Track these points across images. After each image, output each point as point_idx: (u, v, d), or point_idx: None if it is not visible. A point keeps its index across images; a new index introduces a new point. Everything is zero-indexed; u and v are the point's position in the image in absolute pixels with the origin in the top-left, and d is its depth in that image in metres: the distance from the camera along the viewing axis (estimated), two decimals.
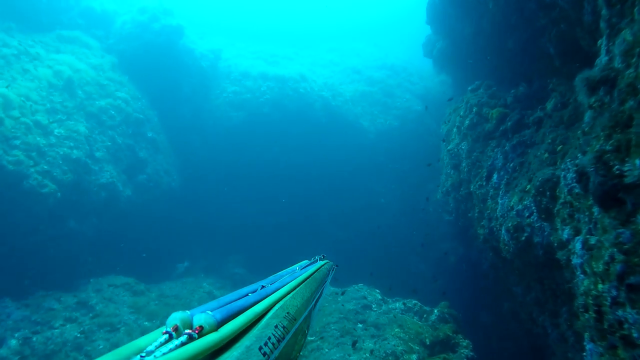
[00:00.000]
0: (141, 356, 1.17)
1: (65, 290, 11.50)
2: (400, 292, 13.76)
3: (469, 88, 11.72)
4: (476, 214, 9.96)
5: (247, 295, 1.95)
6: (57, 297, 10.84)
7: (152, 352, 1.20)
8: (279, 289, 2.20)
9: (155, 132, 15.44)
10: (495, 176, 8.62)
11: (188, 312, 1.43)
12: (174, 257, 16.48)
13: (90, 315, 10.57)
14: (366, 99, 22.48)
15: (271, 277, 2.60)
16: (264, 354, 1.52)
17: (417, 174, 21.28)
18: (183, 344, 1.26)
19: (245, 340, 1.53)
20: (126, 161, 13.60)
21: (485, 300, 14.15)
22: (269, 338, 1.65)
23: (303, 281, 2.63)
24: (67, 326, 9.94)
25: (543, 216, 6.14)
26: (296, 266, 3.25)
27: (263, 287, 2.17)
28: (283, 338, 1.76)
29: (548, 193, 5.95)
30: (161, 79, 16.62)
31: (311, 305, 2.56)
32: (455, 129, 11.97)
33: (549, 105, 7.49)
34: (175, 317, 1.39)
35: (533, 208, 6.41)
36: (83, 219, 12.15)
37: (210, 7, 36.58)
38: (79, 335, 9.75)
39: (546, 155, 6.67)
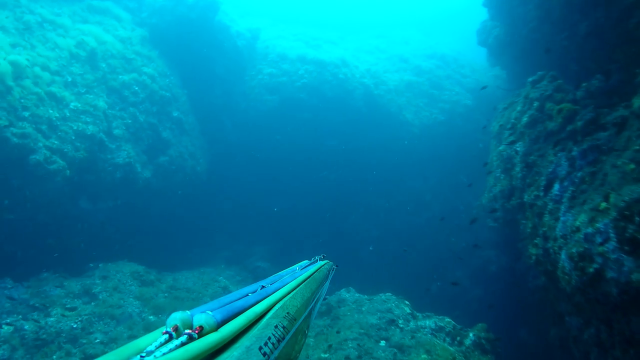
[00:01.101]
0: (141, 356, 1.16)
1: (71, 273, 10.84)
2: (435, 303, 12.47)
3: (530, 80, 10.08)
4: (528, 229, 8.44)
5: (247, 295, 1.96)
6: (60, 282, 10.16)
7: (152, 352, 1.20)
8: (279, 289, 2.22)
9: (182, 112, 14.58)
10: (556, 187, 7.08)
11: (188, 312, 1.43)
12: (194, 244, 15.71)
13: (93, 304, 9.82)
14: (411, 89, 20.92)
15: (271, 277, 2.61)
16: (264, 354, 1.52)
17: (462, 173, 19.63)
18: (183, 344, 1.27)
19: (245, 341, 1.53)
20: (147, 141, 12.80)
21: (528, 317, 12.70)
22: (269, 338, 1.64)
23: (303, 281, 2.64)
24: (65, 314, 9.21)
25: (626, 248, 4.65)
26: (296, 266, 3.26)
27: (263, 287, 2.19)
28: (283, 338, 1.77)
29: (637, 219, 4.48)
30: (193, 56, 15.74)
31: (311, 305, 2.56)
32: (509, 127, 10.38)
33: (637, 103, 5.88)
34: (175, 317, 1.39)
35: (610, 234, 4.91)
36: (96, 199, 11.45)
37: None
38: (75, 325, 8.99)
39: (632, 166, 5.13)
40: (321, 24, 26.57)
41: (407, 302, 11.04)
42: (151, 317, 10.16)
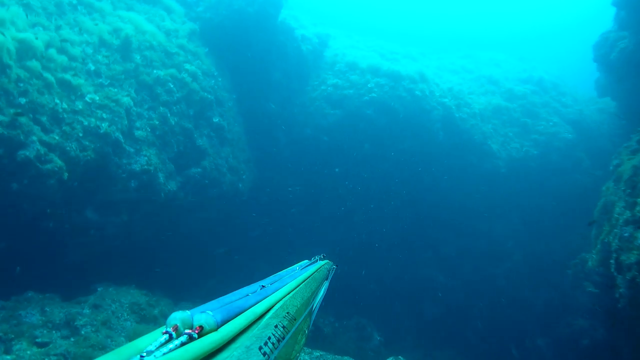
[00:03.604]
0: (141, 356, 1.15)
1: (65, 294, 9.02)
2: None
3: None
4: None
5: (247, 295, 1.93)
6: (42, 306, 8.29)
7: (152, 352, 1.19)
8: (279, 289, 2.20)
9: (226, 119, 12.63)
10: None
11: (188, 312, 1.42)
12: (225, 275, 13.58)
13: (71, 340, 7.81)
14: (500, 116, 17.81)
15: (271, 277, 2.57)
16: (264, 354, 1.51)
17: (556, 222, 16.14)
18: (183, 344, 1.26)
19: (245, 340, 1.52)
20: (177, 148, 10.90)
21: None
22: (269, 338, 1.64)
23: (303, 281, 2.65)
24: (29, 352, 7.24)
25: None
26: (296, 266, 3.26)
27: (263, 287, 2.16)
28: (283, 338, 1.76)
29: None
30: (247, 58, 13.86)
31: (311, 305, 2.56)
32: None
33: None
34: (175, 317, 1.38)
35: None
36: (105, 210, 9.61)
37: None
38: None
39: None
40: (400, 39, 24.11)
41: None
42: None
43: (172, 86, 10.97)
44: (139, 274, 10.48)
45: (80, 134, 8.72)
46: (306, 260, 3.53)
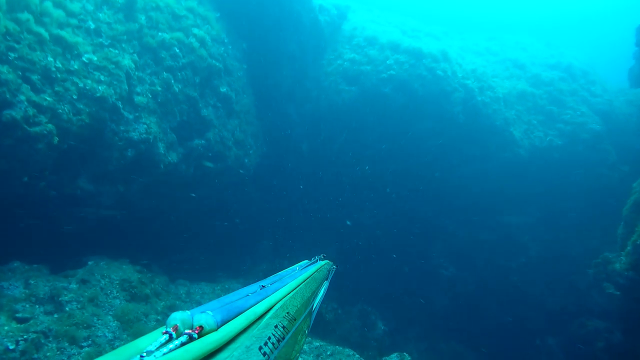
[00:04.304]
0: (141, 356, 1.15)
1: (54, 267, 8.54)
2: None
3: None
4: None
5: (247, 295, 1.91)
6: (27, 278, 7.80)
7: (152, 352, 1.18)
8: (279, 289, 2.19)
9: (234, 89, 11.90)
10: None
11: (188, 312, 1.41)
12: (227, 251, 13.06)
13: (54, 316, 7.32)
14: (524, 102, 16.85)
15: (271, 277, 2.54)
16: (264, 354, 1.50)
17: (576, 218, 15.32)
18: (183, 344, 1.26)
19: (245, 340, 1.51)
20: (180, 117, 10.23)
21: None
22: (269, 338, 1.63)
23: (303, 281, 2.61)
24: (8, 327, 6.75)
25: None
26: (296, 266, 3.21)
27: (263, 287, 2.15)
28: (283, 338, 1.75)
29: None
30: (261, 26, 13.05)
31: (311, 306, 2.53)
32: None
33: None
34: (175, 317, 1.37)
35: None
36: (100, 180, 9.02)
37: None
38: (12, 347, 6.47)
39: None
40: (422, 18, 22.94)
41: None
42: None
43: (177, 51, 10.25)
44: (134, 248, 9.98)
45: (75, 96, 8.08)
46: (306, 261, 3.50)
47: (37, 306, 7.41)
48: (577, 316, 14.52)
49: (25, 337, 6.70)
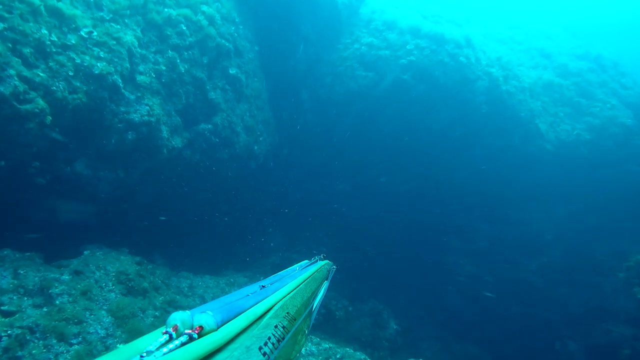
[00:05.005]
0: (141, 356, 1.13)
1: (49, 256, 8.00)
2: None
3: None
4: None
5: (247, 295, 1.88)
6: (16, 268, 7.25)
7: (152, 352, 1.16)
8: (279, 289, 2.17)
9: (245, 72, 11.21)
10: None
11: (188, 312, 1.39)
12: (233, 243, 12.48)
13: (43, 310, 6.76)
14: (551, 92, 15.95)
15: (271, 277, 2.50)
16: (264, 354, 1.48)
17: (604, 217, 14.47)
18: (183, 344, 1.24)
19: (246, 340, 1.50)
20: (185, 99, 9.58)
21: None
22: (269, 338, 1.61)
23: (303, 281, 2.59)
24: None
25: None
26: (296, 266, 3.17)
27: (263, 287, 2.12)
28: (283, 338, 1.72)
29: None
30: (274, 5, 12.32)
31: (311, 306, 2.49)
32: None
33: None
34: (176, 317, 1.35)
35: None
36: (98, 165, 8.43)
37: None
38: None
39: None
40: (444, 3, 21.96)
41: None
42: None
43: (184, 28, 9.57)
44: (135, 237, 9.43)
45: (71, 73, 7.46)
46: (306, 261, 3.47)
47: (25, 298, 6.87)
48: (602, 321, 13.76)
49: (9, 332, 6.15)
